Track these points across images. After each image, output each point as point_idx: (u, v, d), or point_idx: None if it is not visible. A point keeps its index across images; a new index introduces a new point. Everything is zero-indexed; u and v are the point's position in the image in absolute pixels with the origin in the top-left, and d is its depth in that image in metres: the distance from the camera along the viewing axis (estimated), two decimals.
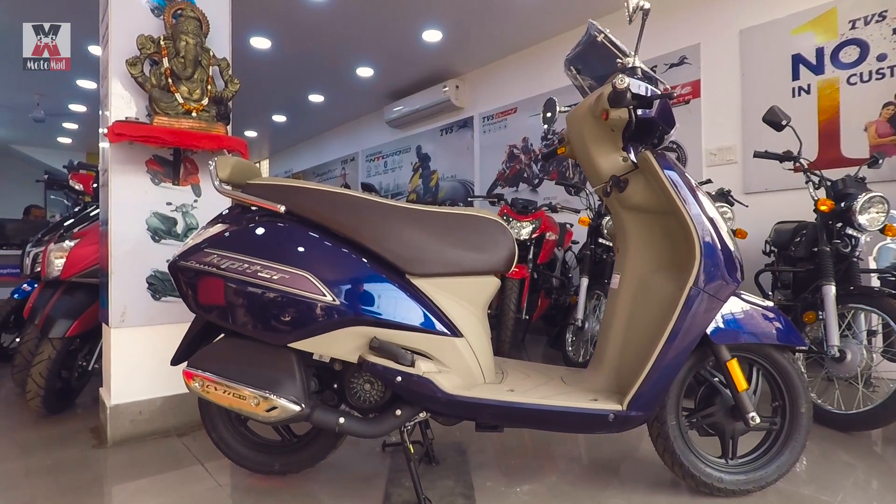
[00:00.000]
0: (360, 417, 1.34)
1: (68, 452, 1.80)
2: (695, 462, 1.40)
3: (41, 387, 2.06)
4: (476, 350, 1.35)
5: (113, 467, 1.68)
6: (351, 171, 8.13)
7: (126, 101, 1.90)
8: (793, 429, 1.42)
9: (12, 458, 1.76)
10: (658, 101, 1.30)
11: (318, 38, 4.99)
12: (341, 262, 1.30)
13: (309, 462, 1.52)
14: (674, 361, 1.27)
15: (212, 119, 1.93)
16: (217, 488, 1.51)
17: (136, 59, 1.83)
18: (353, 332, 1.27)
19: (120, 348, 1.90)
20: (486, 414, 1.28)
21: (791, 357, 1.42)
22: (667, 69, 4.20)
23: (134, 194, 1.91)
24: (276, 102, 7.16)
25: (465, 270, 1.37)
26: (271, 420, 1.27)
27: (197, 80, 1.92)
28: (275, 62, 5.58)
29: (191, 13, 1.93)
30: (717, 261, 1.28)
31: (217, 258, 1.31)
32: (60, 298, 2.17)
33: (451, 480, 1.52)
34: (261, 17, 4.57)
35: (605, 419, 1.28)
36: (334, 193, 1.35)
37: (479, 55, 5.47)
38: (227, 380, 1.28)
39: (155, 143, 1.79)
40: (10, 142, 8.83)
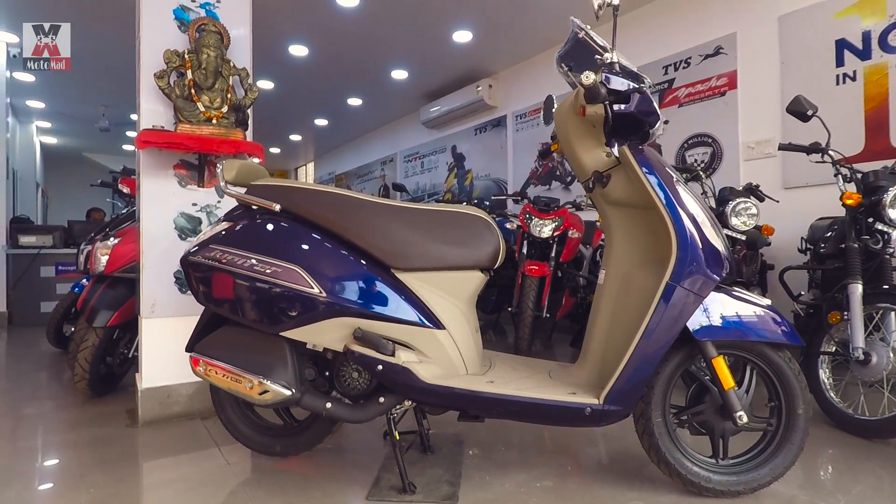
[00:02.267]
0: (346, 403, 1.41)
1: (105, 430, 1.98)
2: (681, 460, 1.38)
3: (86, 371, 2.28)
4: (458, 342, 1.40)
5: (140, 445, 1.84)
6: (390, 171, 8.31)
7: (156, 110, 2.07)
8: (788, 430, 1.38)
9: (60, 433, 1.96)
10: (636, 96, 1.30)
11: (352, 43, 5.15)
12: (329, 257, 1.38)
13: (306, 445, 1.61)
14: (651, 357, 1.27)
15: (231, 125, 2.06)
16: (225, 466, 1.63)
17: (163, 72, 2.00)
18: (338, 323, 1.35)
19: (150, 337, 2.07)
20: (462, 403, 1.33)
21: (787, 356, 1.38)
22: (701, 60, 4.06)
23: (163, 196, 2.08)
24: (317, 107, 7.42)
25: (448, 265, 1.42)
26: (264, 403, 1.37)
27: (217, 90, 2.06)
28: (313, 68, 5.80)
29: (212, 28, 2.07)
30: (695, 256, 1.26)
31: (219, 253, 1.42)
32: (104, 291, 2.39)
33: (441, 469, 1.57)
34: (296, 26, 4.77)
35: (581, 413, 1.29)
36: (324, 192, 1.44)
37: (510, 53, 5.47)
38: (226, 365, 1.39)
39: (178, 149, 1.94)
40: (82, 150, 9.60)
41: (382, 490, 1.43)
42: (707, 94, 4.03)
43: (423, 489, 1.43)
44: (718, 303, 1.33)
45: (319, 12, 4.48)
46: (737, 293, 1.37)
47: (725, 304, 1.33)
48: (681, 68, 4.22)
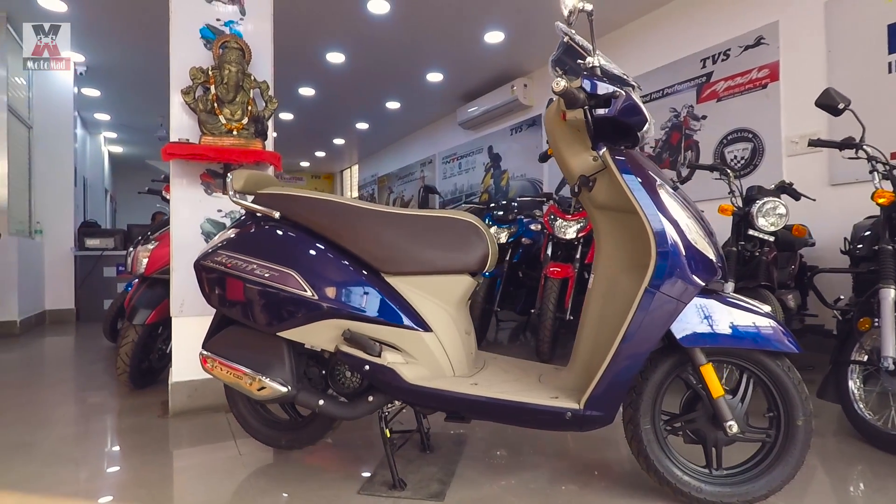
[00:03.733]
0: (338, 401, 1.48)
1: (139, 419, 2.15)
2: (670, 468, 1.36)
3: (127, 365, 2.47)
4: (445, 344, 1.43)
5: (166, 434, 1.98)
6: (429, 172, 8.40)
7: (183, 123, 2.22)
8: (787, 442, 1.32)
9: (100, 420, 2.15)
10: (619, 100, 1.28)
11: (386, 48, 5.26)
12: (322, 262, 1.45)
13: (309, 440, 1.69)
14: (630, 363, 1.25)
15: (250, 136, 2.19)
16: (237, 457, 1.74)
17: (189, 87, 2.14)
18: (330, 325, 1.42)
19: (180, 334, 2.23)
20: (446, 404, 1.36)
21: (787, 365, 1.32)
22: (741, 52, 3.88)
23: (191, 203, 2.23)
24: (357, 111, 7.62)
25: (437, 269, 1.45)
26: (262, 398, 1.46)
27: (238, 103, 2.18)
28: (350, 74, 5.97)
29: (234, 44, 2.20)
30: (676, 261, 1.24)
31: (225, 258, 1.52)
32: (144, 291, 2.58)
33: (435, 467, 1.61)
34: (331, 35, 4.93)
35: (561, 417, 1.29)
36: (319, 200, 1.51)
37: (544, 52, 5.42)
38: (229, 362, 1.49)
39: (201, 160, 2.08)
40: (144, 157, 10.28)
41: (375, 485, 1.49)
42: (747, 86, 3.85)
43: (413, 486, 1.48)
44: (707, 309, 1.29)
45: (352, 20, 4.62)
46: (730, 299, 1.32)
47: (715, 310, 1.29)
48: (719, 61, 4.05)
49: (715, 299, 1.31)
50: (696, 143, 4.21)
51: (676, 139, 4.39)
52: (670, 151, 4.44)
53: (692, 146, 4.25)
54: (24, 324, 4.51)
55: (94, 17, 4.43)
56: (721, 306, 1.30)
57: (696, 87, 4.22)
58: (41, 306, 5.12)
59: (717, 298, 1.31)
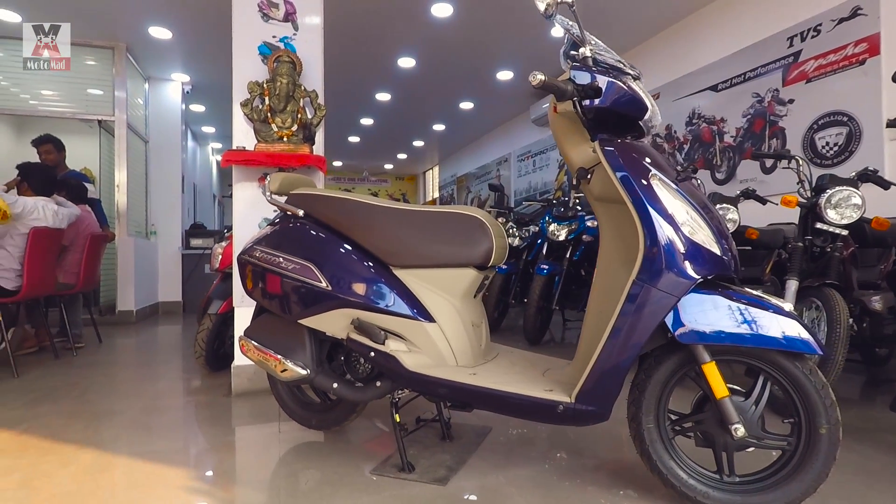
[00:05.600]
0: (352, 385, 1.58)
1: (207, 397, 2.43)
2: (675, 470, 1.30)
3: (203, 350, 2.79)
4: (448, 335, 1.48)
5: (227, 411, 2.22)
6: (504, 171, 8.40)
7: (245, 132, 2.47)
8: (808, 452, 1.21)
9: (178, 396, 2.45)
10: (609, 90, 1.25)
11: (454, 49, 5.36)
12: (337, 256, 1.56)
13: (335, 422, 1.82)
14: (620, 358, 1.21)
15: (299, 142, 2.38)
16: (276, 434, 1.91)
17: (246, 100, 2.38)
18: (342, 314, 1.53)
19: (241, 323, 2.47)
20: (444, 392, 1.40)
21: (808, 367, 1.21)
22: (834, 26, 3.48)
23: (249, 204, 2.47)
24: (432, 113, 7.81)
25: (442, 263, 1.51)
26: (285, 379, 1.60)
27: (289, 112, 2.38)
28: (422, 77, 6.15)
29: (286, 58, 2.40)
30: (667, 253, 1.18)
31: (259, 252, 1.69)
32: (218, 285, 2.89)
33: (448, 455, 1.66)
34: (400, 40, 5.12)
35: (553, 409, 1.29)
36: (336, 198, 1.62)
37: (614, 43, 5.21)
38: (259, 345, 1.65)
39: (253, 165, 2.30)
40: None
41: (386, 467, 1.57)
42: (842, 64, 3.45)
43: (422, 470, 1.54)
44: (709, 304, 1.22)
45: (418, 25, 4.77)
46: (740, 294, 1.24)
47: (719, 305, 1.21)
48: (808, 38, 3.66)
49: (720, 294, 1.23)
50: (782, 129, 3.84)
51: (760, 126, 4.03)
52: (753, 140, 4.08)
53: (777, 133, 3.88)
54: (139, 313, 5.20)
55: (195, 41, 5.00)
56: (726, 302, 1.22)
57: (782, 68, 3.85)
58: (155, 298, 5.86)
59: (722, 294, 1.23)
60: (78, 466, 1.62)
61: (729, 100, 4.28)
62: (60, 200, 3.35)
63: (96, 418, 2.11)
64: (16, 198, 2.96)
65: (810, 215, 2.24)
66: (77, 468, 1.61)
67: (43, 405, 2.29)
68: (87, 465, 1.63)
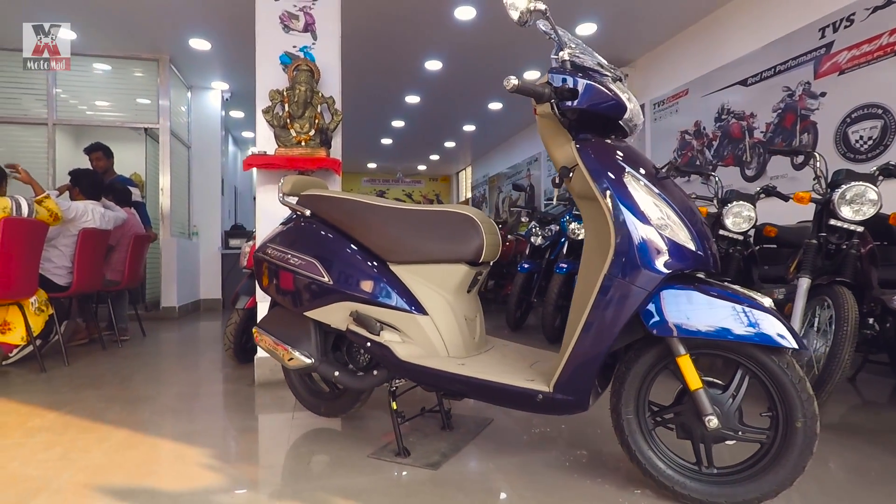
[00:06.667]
0: (352, 373, 1.69)
1: (234, 387, 2.60)
2: (653, 460, 1.33)
3: (231, 342, 2.97)
4: (440, 327, 1.56)
5: (249, 399, 2.38)
6: (535, 170, 8.39)
7: (267, 138, 2.63)
8: (784, 446, 1.22)
9: (207, 385, 2.64)
10: (585, 92, 1.29)
11: (479, 50, 5.42)
12: (339, 252, 1.67)
13: (342, 409, 1.93)
14: (593, 350, 1.26)
15: (316, 146, 2.51)
16: (290, 420, 2.04)
17: (268, 107, 2.53)
18: (342, 306, 1.63)
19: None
20: (433, 380, 1.48)
21: (786, 362, 1.22)
22: (868, 14, 3.35)
23: (271, 205, 2.63)
24: (462, 114, 7.89)
25: (435, 259, 1.59)
26: (291, 367, 1.72)
27: (307, 118, 2.52)
28: (450, 79, 6.24)
29: (305, 67, 2.54)
30: (636, 248, 1.22)
31: (271, 250, 1.82)
32: (246, 282, 3.07)
33: (445, 443, 1.74)
34: (426, 44, 5.23)
35: (533, 398, 1.34)
36: (339, 199, 1.73)
37: (645, 39, 5.17)
38: (270, 335, 1.78)
39: (273, 168, 2.45)
40: None
41: (384, 451, 1.67)
42: (877, 54, 3.31)
43: (416, 455, 1.63)
44: (684, 298, 1.25)
45: (442, 29, 4.87)
46: (717, 289, 1.26)
47: (693, 299, 1.24)
48: (841, 28, 3.53)
49: (696, 289, 1.26)
50: (814, 123, 3.71)
51: (791, 121, 3.91)
52: (784, 135, 3.96)
53: (809, 128, 3.76)
54: (181, 309, 5.52)
55: (234, 51, 5.26)
56: (700, 296, 1.24)
57: (813, 60, 3.72)
58: (196, 295, 6.19)
59: (698, 289, 1.26)
60: (111, 443, 1.79)
61: (759, 94, 4.17)
62: (108, 204, 3.63)
63: (132, 402, 2.30)
64: (68, 203, 3.23)
65: (825, 212, 2.19)
66: (110, 445, 1.78)
67: (87, 390, 2.51)
68: (118, 443, 1.80)
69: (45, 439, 1.83)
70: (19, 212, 2.63)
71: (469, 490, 1.42)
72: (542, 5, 1.30)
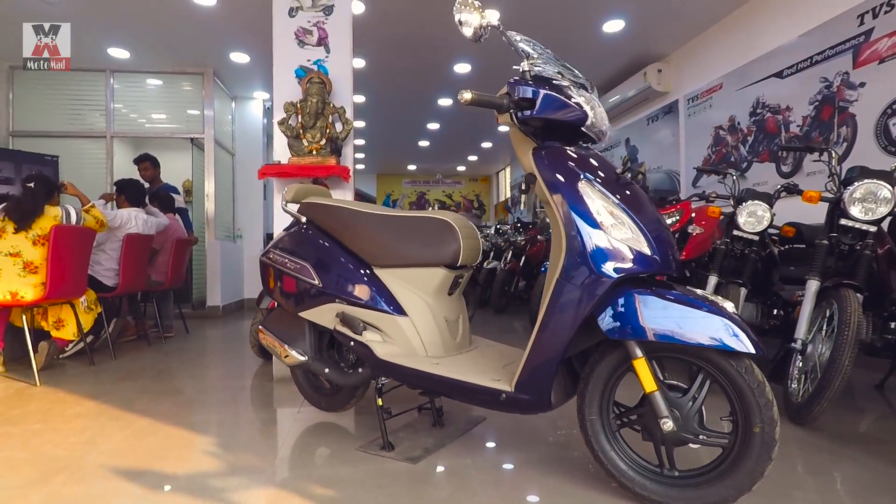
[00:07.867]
0: (341, 370, 1.79)
1: (255, 382, 2.77)
2: (615, 461, 1.35)
3: (256, 340, 3.16)
4: (419, 328, 1.64)
5: (266, 394, 2.54)
6: None
7: (284, 147, 2.79)
8: (743, 450, 1.22)
9: (231, 380, 2.83)
10: (542, 101, 1.32)
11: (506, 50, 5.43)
12: (328, 257, 1.78)
13: (340, 404, 2.04)
14: (550, 351, 1.29)
15: (327, 154, 2.64)
16: (295, 413, 2.18)
17: (283, 119, 2.69)
18: (330, 308, 1.74)
19: None
20: (408, 378, 1.56)
21: (745, 366, 1.21)
22: (883, 13, 3.14)
23: None
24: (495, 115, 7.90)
25: (414, 263, 1.66)
26: (288, 363, 1.85)
27: (318, 128, 2.66)
28: (480, 80, 6.29)
29: (317, 79, 2.68)
30: (586, 253, 1.24)
31: (272, 255, 1.96)
32: None
33: (432, 439, 1.81)
34: (453, 48, 5.32)
35: (497, 396, 1.39)
36: (331, 206, 1.84)
37: (676, 33, 5.02)
38: (270, 334, 1.92)
39: (285, 177, 2.61)
40: None
41: (371, 445, 1.76)
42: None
43: (400, 450, 1.71)
44: (640, 303, 1.26)
45: None
46: (676, 294, 1.26)
47: (650, 304, 1.25)
48: (881, 13, 3.32)
49: (653, 294, 1.27)
50: (853, 116, 3.51)
51: (828, 114, 3.71)
52: (821, 129, 3.76)
53: (847, 121, 3.55)
54: (225, 308, 5.85)
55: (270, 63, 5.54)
56: (656, 300, 1.25)
57: (852, 49, 3.52)
58: (241, 295, 6.54)
59: (656, 293, 1.27)
60: (132, 430, 1.98)
61: (795, 86, 3.97)
62: (151, 210, 3.94)
63: (161, 394, 2.51)
64: (114, 213, 3.54)
65: (836, 211, 2.10)
66: (131, 431, 1.97)
67: (125, 382, 2.76)
68: (139, 430, 1.99)
69: (79, 425, 2.05)
70: (69, 220, 2.92)
71: (438, 484, 1.49)
72: (495, 21, 1.34)
